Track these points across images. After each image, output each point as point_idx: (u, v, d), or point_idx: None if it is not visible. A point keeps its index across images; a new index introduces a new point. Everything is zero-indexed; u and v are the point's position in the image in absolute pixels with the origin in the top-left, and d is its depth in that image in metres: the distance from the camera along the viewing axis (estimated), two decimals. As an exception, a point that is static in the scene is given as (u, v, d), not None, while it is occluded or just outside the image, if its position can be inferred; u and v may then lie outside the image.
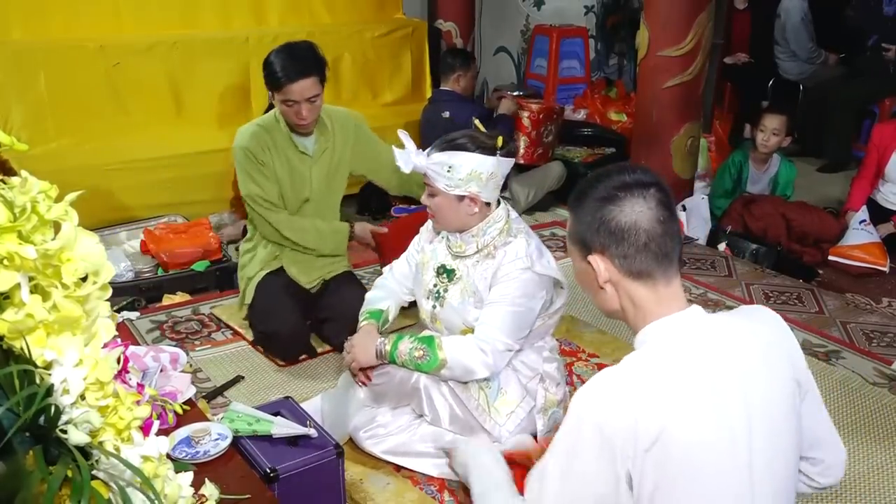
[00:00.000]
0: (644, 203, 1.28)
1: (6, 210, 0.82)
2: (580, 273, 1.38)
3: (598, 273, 1.31)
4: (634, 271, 1.29)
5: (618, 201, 1.29)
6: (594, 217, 1.30)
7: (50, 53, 3.81)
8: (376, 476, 2.18)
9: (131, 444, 0.92)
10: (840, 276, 3.70)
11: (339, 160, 2.82)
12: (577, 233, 1.34)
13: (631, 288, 1.30)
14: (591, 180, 1.36)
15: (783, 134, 3.99)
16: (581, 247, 1.34)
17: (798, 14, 5.50)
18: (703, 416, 1.20)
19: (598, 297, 1.36)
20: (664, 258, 1.29)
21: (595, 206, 1.30)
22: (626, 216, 1.28)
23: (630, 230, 1.28)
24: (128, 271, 3.31)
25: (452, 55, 4.46)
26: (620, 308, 1.34)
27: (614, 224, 1.28)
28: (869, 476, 2.25)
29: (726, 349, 1.27)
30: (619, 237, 1.28)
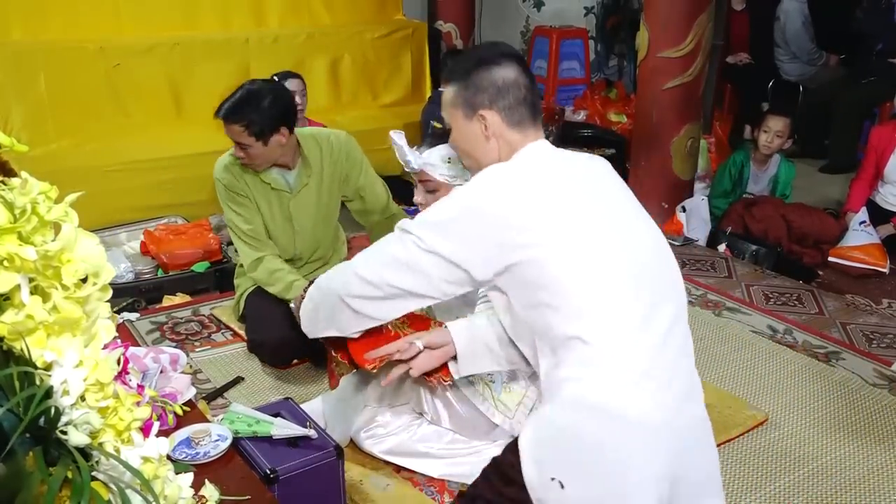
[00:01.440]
0: (517, 67, 1.62)
1: (6, 211, 0.82)
2: (464, 135, 1.64)
3: (488, 125, 1.59)
4: (515, 121, 1.60)
5: (501, 64, 1.60)
6: (481, 78, 1.59)
7: (50, 54, 3.81)
8: (376, 477, 2.17)
9: (131, 445, 0.92)
10: (840, 277, 3.70)
11: (327, 191, 2.74)
12: (464, 97, 1.61)
13: (510, 137, 1.61)
14: (470, 54, 1.69)
15: (786, 136, 4.00)
16: (467, 109, 1.61)
17: (798, 17, 5.51)
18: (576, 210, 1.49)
19: (480, 151, 1.63)
20: (536, 111, 1.62)
21: (482, 70, 1.59)
22: (509, 75, 1.59)
23: (513, 85, 1.59)
24: (128, 272, 3.32)
25: (453, 58, 4.45)
26: (498, 157, 1.61)
27: (501, 81, 1.59)
28: (869, 477, 2.25)
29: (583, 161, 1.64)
30: (505, 91, 1.59)
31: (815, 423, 2.51)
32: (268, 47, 4.39)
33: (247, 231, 2.68)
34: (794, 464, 2.31)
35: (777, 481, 2.23)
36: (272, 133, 2.52)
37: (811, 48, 5.62)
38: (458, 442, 2.17)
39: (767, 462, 2.31)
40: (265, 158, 2.60)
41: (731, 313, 3.27)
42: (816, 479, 2.24)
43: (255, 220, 2.69)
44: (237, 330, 3.00)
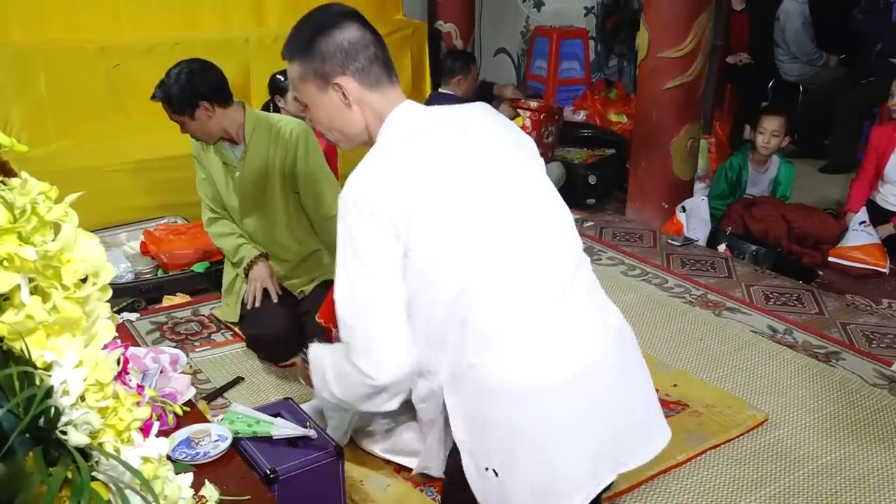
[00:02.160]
0: (359, 25, 1.52)
1: (6, 211, 0.82)
2: (323, 108, 1.53)
3: (347, 93, 1.49)
4: (372, 81, 1.51)
5: (340, 27, 1.50)
6: (325, 44, 1.48)
7: (50, 54, 3.81)
8: (377, 477, 2.17)
9: (131, 445, 0.92)
10: (840, 277, 3.70)
11: (279, 176, 2.71)
12: (312, 69, 1.50)
13: (371, 99, 1.51)
14: (305, 23, 1.55)
15: (783, 135, 4.00)
16: (319, 81, 1.50)
17: (799, 17, 5.52)
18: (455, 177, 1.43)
19: (344, 121, 1.53)
20: (390, 68, 1.54)
21: (323, 38, 1.49)
22: (353, 35, 1.49)
23: (360, 45, 1.49)
24: (128, 272, 3.32)
25: (453, 58, 4.40)
26: (364, 125, 1.53)
27: (347, 43, 1.49)
28: (869, 477, 2.25)
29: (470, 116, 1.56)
30: (354, 53, 1.49)
31: (815, 423, 2.51)
32: (268, 47, 4.39)
33: (211, 197, 2.85)
34: (794, 464, 2.31)
35: (777, 481, 2.23)
36: (194, 108, 2.61)
37: (811, 48, 5.62)
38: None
39: (767, 462, 2.31)
40: (203, 132, 2.69)
41: (731, 313, 3.27)
42: (816, 479, 2.24)
43: (208, 191, 2.84)
44: (237, 330, 3.00)
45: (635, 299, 3.39)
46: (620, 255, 3.89)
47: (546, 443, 1.38)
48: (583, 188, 4.57)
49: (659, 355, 2.89)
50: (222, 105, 2.64)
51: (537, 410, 1.37)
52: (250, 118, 2.69)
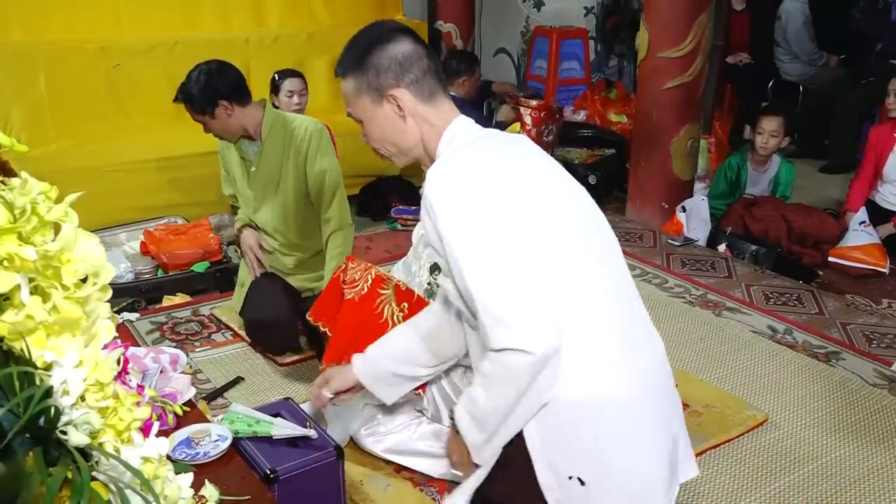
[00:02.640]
0: (410, 39, 1.53)
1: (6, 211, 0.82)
2: (377, 122, 1.54)
3: (402, 105, 1.50)
4: (426, 94, 1.52)
5: (394, 40, 1.52)
6: (379, 58, 1.50)
7: (50, 54, 3.81)
8: (377, 477, 2.17)
9: (131, 445, 0.92)
10: (840, 277, 3.70)
11: (280, 172, 2.78)
12: (367, 83, 1.51)
13: (425, 112, 1.52)
14: (357, 40, 1.56)
15: (781, 135, 4.00)
16: (374, 94, 1.51)
17: (800, 17, 5.52)
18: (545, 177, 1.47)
19: (399, 135, 1.54)
20: (441, 80, 1.55)
21: (377, 51, 1.51)
22: (406, 48, 1.51)
23: (413, 58, 1.51)
24: (128, 272, 3.32)
25: (457, 59, 4.34)
26: (419, 138, 1.53)
27: (401, 56, 1.50)
28: (869, 477, 2.26)
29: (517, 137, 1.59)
30: (408, 66, 1.50)
31: (815, 423, 2.51)
32: (268, 47, 4.39)
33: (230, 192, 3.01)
34: (794, 464, 2.31)
35: (777, 481, 2.23)
36: (214, 107, 2.68)
37: (811, 48, 5.62)
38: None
39: (767, 462, 2.31)
40: (225, 131, 2.76)
41: (731, 313, 3.27)
42: (816, 479, 2.24)
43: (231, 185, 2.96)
44: (237, 330, 3.00)
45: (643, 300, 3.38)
46: (620, 255, 3.89)
47: (633, 450, 1.40)
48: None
49: (659, 355, 2.89)
50: (241, 103, 2.72)
51: (622, 419, 1.39)
52: (269, 116, 2.77)
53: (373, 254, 3.45)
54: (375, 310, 2.11)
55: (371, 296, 2.11)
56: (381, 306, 2.11)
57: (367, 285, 2.12)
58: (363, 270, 2.16)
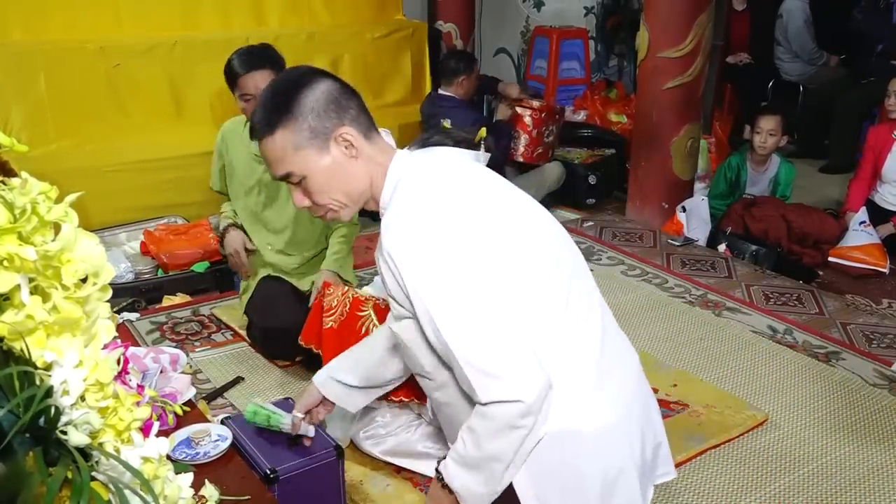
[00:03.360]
0: (325, 77, 1.42)
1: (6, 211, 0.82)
2: (324, 172, 1.40)
3: (353, 143, 1.39)
4: (365, 131, 1.42)
5: (317, 81, 1.40)
6: (315, 102, 1.37)
7: (50, 54, 3.81)
8: (376, 477, 2.18)
9: (131, 445, 0.92)
10: (840, 277, 3.70)
11: None
12: (307, 130, 1.37)
13: (368, 150, 1.42)
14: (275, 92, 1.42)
15: (780, 134, 4.00)
16: (318, 140, 1.38)
17: (801, 17, 5.52)
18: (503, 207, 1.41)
19: (351, 180, 1.42)
20: (369, 114, 1.45)
21: (306, 95, 1.38)
22: (332, 86, 1.40)
23: (344, 96, 1.41)
24: (128, 272, 3.32)
25: (456, 59, 4.35)
26: (370, 179, 1.43)
27: (334, 93, 1.39)
28: (869, 477, 2.25)
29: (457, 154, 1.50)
30: (343, 105, 1.39)
31: (815, 423, 2.51)
32: (268, 47, 4.39)
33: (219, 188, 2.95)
34: (794, 464, 2.31)
35: (777, 481, 2.23)
36: None
37: (812, 48, 5.62)
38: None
39: (767, 462, 2.31)
40: None
41: (731, 313, 3.27)
42: (816, 479, 2.24)
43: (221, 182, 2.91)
44: (237, 329, 3.00)
45: (635, 299, 3.39)
46: (620, 255, 3.89)
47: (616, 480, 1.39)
48: (583, 188, 4.57)
49: (659, 355, 2.89)
50: None
51: (602, 450, 1.37)
52: None
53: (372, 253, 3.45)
54: (360, 332, 2.11)
55: (351, 320, 2.12)
56: (364, 327, 2.12)
57: (345, 309, 2.13)
58: (341, 295, 2.16)
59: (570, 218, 4.46)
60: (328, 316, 2.13)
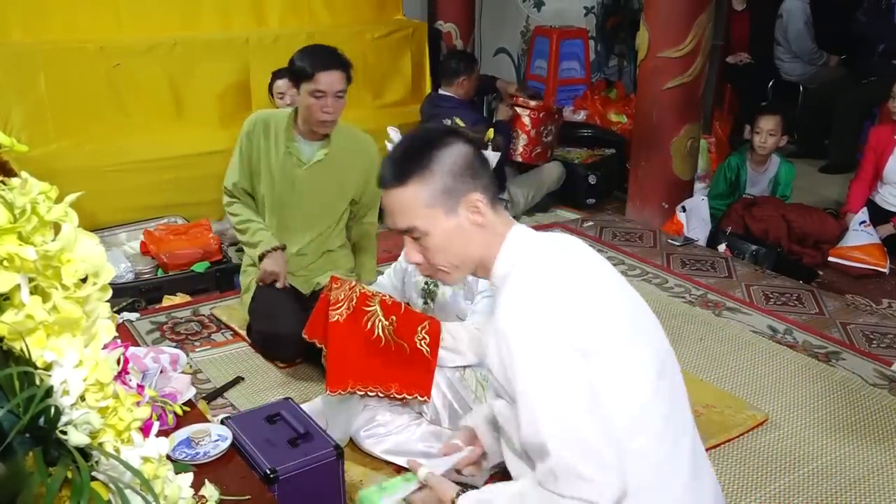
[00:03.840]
0: (463, 140, 1.39)
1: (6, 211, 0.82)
2: (445, 235, 1.37)
3: (480, 210, 1.36)
4: (492, 201, 1.39)
5: (454, 142, 1.37)
6: (452, 162, 1.34)
7: (50, 54, 3.81)
8: (376, 477, 2.17)
9: (131, 445, 0.92)
10: (840, 277, 3.70)
11: (339, 179, 2.81)
12: (440, 188, 1.34)
13: (492, 220, 1.39)
14: (411, 144, 1.41)
15: (779, 134, 4.00)
16: (451, 199, 1.35)
17: (801, 17, 5.51)
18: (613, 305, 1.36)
19: (469, 247, 1.38)
20: (495, 183, 1.42)
21: (444, 153, 1.35)
22: (469, 150, 1.37)
23: (479, 163, 1.38)
24: (128, 272, 3.31)
25: (457, 59, 4.35)
26: (486, 247, 1.39)
27: (469, 160, 1.36)
28: (869, 477, 2.25)
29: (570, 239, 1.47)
30: (478, 171, 1.36)
31: (815, 423, 2.51)
32: (268, 47, 4.39)
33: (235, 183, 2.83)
34: (794, 464, 2.31)
35: (777, 481, 2.23)
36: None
37: (812, 48, 5.62)
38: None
39: (767, 462, 2.31)
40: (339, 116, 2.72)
41: (731, 313, 3.27)
42: (816, 479, 2.24)
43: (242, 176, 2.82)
44: (237, 329, 3.00)
45: (635, 299, 3.39)
46: (620, 255, 3.89)
47: None
48: (583, 188, 4.57)
49: (659, 355, 2.89)
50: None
51: None
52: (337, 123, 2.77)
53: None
54: (365, 327, 2.11)
55: (357, 314, 2.11)
56: (370, 322, 2.11)
57: (352, 304, 2.13)
58: (348, 290, 2.16)
59: (570, 218, 4.46)
60: (334, 309, 2.12)
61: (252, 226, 2.83)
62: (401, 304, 2.19)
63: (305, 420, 1.91)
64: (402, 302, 2.23)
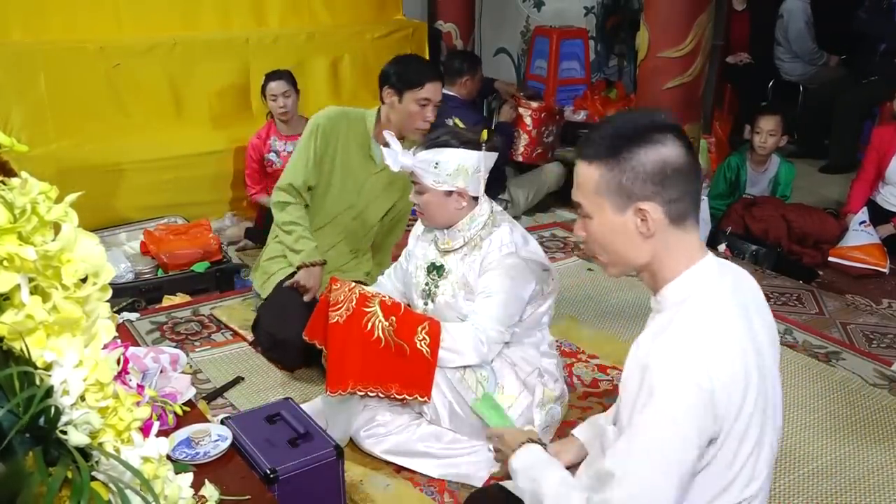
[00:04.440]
0: (679, 144, 1.25)
1: (6, 211, 0.82)
2: (609, 228, 1.28)
3: (649, 222, 1.24)
4: (677, 216, 1.25)
5: (664, 142, 1.24)
6: (642, 159, 1.23)
7: (50, 54, 3.81)
8: (376, 477, 2.17)
9: (131, 445, 0.92)
10: (840, 277, 3.70)
11: (396, 183, 2.84)
12: (618, 182, 1.25)
13: (670, 235, 1.26)
14: (620, 122, 1.30)
15: (779, 134, 4.00)
16: (622, 198, 1.25)
17: (802, 17, 5.51)
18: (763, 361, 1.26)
19: (631, 251, 1.29)
20: (697, 201, 1.28)
21: (640, 148, 1.24)
22: (678, 157, 1.24)
23: (677, 172, 1.24)
24: (128, 272, 3.32)
25: (460, 59, 4.33)
26: (650, 260, 1.29)
27: (670, 165, 1.23)
28: (869, 477, 2.26)
29: (753, 296, 1.33)
30: (670, 181, 1.23)
31: (815, 423, 2.51)
32: (268, 47, 4.39)
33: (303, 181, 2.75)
34: (794, 464, 2.31)
35: (777, 481, 2.22)
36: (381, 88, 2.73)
37: (812, 48, 5.62)
38: (457, 442, 2.18)
39: (767, 462, 2.31)
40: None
41: (731, 313, 3.26)
42: (816, 479, 2.24)
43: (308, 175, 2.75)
44: (237, 329, 3.00)
45: (635, 299, 3.38)
46: (620, 255, 3.89)
47: None
48: (583, 188, 4.57)
49: (659, 355, 2.88)
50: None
51: None
52: None
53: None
54: (365, 328, 2.10)
55: (357, 315, 2.11)
56: (370, 323, 2.11)
57: (351, 305, 2.13)
58: (347, 291, 2.16)
59: (570, 218, 4.46)
60: (334, 310, 2.12)
61: (298, 230, 2.76)
62: (400, 304, 2.20)
63: (305, 420, 1.91)
64: (401, 302, 2.23)
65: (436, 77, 2.68)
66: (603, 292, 3.45)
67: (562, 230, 4.21)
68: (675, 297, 1.28)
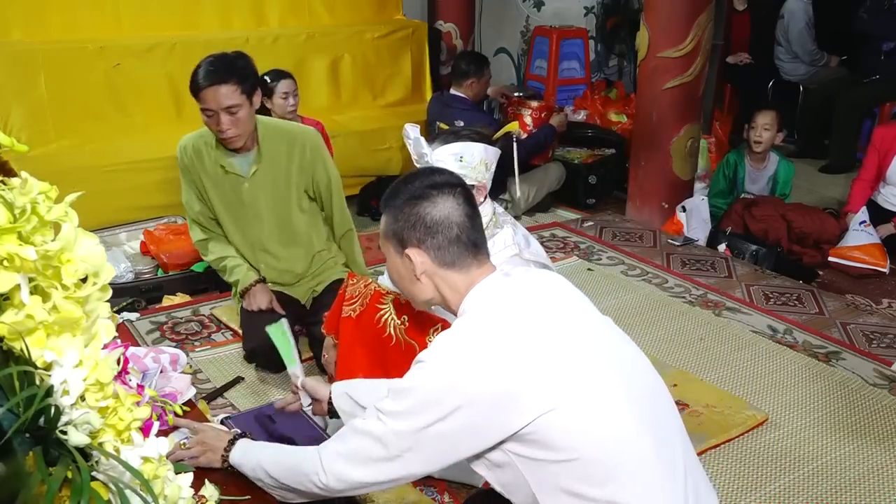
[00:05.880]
0: (454, 200, 1.44)
1: (6, 211, 0.82)
2: (395, 267, 1.49)
3: (414, 266, 1.43)
4: (447, 261, 1.43)
5: (431, 198, 1.43)
6: (410, 213, 1.43)
7: (50, 54, 3.81)
8: (376, 477, 2.17)
9: (131, 445, 0.92)
10: (840, 277, 3.70)
11: (283, 182, 2.67)
12: (393, 230, 1.45)
13: (446, 276, 1.44)
14: (404, 181, 1.50)
15: (774, 129, 4.00)
16: (397, 242, 1.45)
17: (803, 18, 5.51)
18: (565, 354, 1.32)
19: (414, 288, 1.47)
20: (473, 247, 1.44)
21: (411, 204, 1.43)
22: (440, 212, 1.42)
23: (443, 224, 1.42)
24: (128, 272, 3.32)
25: (466, 61, 4.30)
26: (438, 295, 1.46)
27: (429, 219, 1.42)
28: (869, 477, 2.26)
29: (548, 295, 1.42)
30: (434, 231, 1.42)
31: (815, 423, 2.51)
32: (268, 47, 4.39)
33: (198, 212, 2.72)
34: (794, 464, 2.31)
35: (777, 481, 2.23)
36: (255, 90, 2.52)
37: (813, 49, 5.62)
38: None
39: (767, 462, 2.31)
40: (250, 124, 2.54)
41: (731, 313, 3.27)
42: (816, 479, 2.24)
43: (197, 207, 2.72)
44: (237, 330, 3.00)
45: (635, 299, 3.39)
46: (620, 254, 3.89)
47: None
48: (583, 188, 4.58)
49: (659, 355, 2.89)
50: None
51: None
52: (260, 123, 2.64)
53: (372, 253, 3.44)
54: (377, 324, 2.10)
55: (370, 311, 2.11)
56: (383, 320, 2.11)
57: (365, 301, 2.13)
58: (363, 287, 2.16)
59: (570, 218, 4.46)
60: (348, 305, 2.13)
61: (228, 262, 2.72)
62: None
63: (305, 420, 1.91)
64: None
65: (214, 81, 2.45)
66: (603, 292, 3.45)
67: (562, 230, 4.21)
68: (459, 313, 1.45)
